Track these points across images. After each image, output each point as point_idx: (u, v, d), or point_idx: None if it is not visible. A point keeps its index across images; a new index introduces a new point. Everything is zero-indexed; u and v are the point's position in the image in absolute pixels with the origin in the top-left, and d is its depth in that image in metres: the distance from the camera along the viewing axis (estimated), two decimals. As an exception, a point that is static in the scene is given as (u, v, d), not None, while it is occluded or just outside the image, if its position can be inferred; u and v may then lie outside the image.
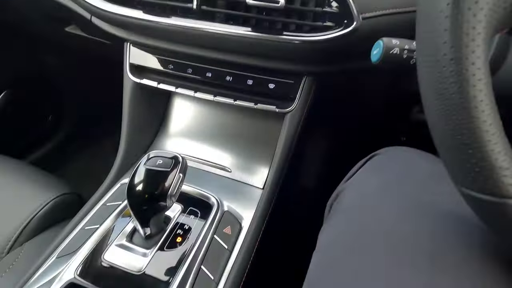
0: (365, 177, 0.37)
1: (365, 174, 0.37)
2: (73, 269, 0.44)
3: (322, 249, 0.35)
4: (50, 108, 1.40)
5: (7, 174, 0.69)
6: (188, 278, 0.44)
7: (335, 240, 0.33)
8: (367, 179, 0.36)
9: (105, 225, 0.51)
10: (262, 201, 0.55)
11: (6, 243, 0.58)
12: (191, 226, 0.51)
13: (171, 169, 0.44)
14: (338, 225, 0.34)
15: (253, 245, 0.51)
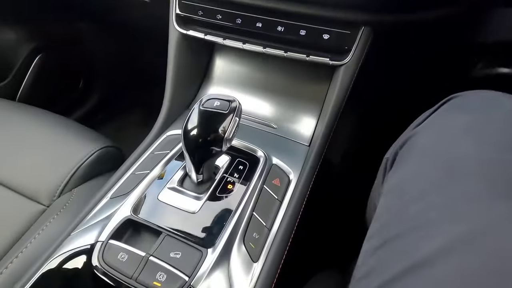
0: (444, 118, 0.34)
1: (443, 115, 0.35)
2: (128, 208, 0.45)
3: (395, 189, 0.33)
4: (81, 73, 1.42)
5: (53, 128, 0.70)
6: (242, 221, 0.44)
7: (413, 178, 0.31)
8: (446, 120, 0.34)
9: (155, 171, 0.51)
10: (311, 155, 0.53)
11: (57, 188, 0.60)
12: (240, 176, 0.50)
13: (229, 112, 0.43)
14: (415, 165, 0.32)
15: (303, 198, 0.50)
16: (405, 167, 0.33)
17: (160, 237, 0.41)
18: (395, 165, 0.37)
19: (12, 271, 0.46)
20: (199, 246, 0.40)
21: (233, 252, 0.41)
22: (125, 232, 0.43)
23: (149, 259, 0.39)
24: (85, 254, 0.41)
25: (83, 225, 0.46)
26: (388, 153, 0.46)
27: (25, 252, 0.48)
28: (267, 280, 0.40)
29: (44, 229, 0.51)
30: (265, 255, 0.43)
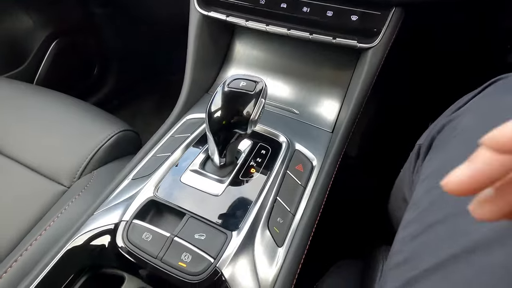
0: (489, 100, 0.32)
1: (489, 97, 0.32)
2: (151, 188, 0.45)
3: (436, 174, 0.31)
4: (96, 59, 1.43)
5: (73, 110, 0.70)
6: (265, 206, 0.43)
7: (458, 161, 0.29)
8: (492, 101, 0.32)
9: (176, 153, 0.50)
10: (336, 142, 0.52)
11: (77, 170, 0.60)
12: (262, 160, 0.49)
13: (255, 93, 0.42)
14: (459, 148, 0.30)
15: (327, 184, 0.49)
16: (447, 151, 0.32)
17: (184, 219, 0.41)
18: (434, 150, 0.35)
19: (36, 249, 0.46)
20: (223, 228, 0.40)
21: (257, 236, 0.40)
22: (148, 213, 0.43)
23: (173, 239, 0.38)
24: (109, 233, 0.41)
25: (106, 205, 0.45)
26: (421, 140, 0.44)
27: (49, 231, 0.48)
28: (292, 266, 0.39)
29: (67, 208, 0.51)
30: (290, 241, 0.42)
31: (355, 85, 0.55)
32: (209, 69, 0.67)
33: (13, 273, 0.43)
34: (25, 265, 0.44)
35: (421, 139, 0.44)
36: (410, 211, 0.33)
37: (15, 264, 0.44)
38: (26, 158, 0.61)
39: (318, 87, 0.63)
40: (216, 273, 0.36)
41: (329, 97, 0.62)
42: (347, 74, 0.62)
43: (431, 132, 0.39)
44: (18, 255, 0.45)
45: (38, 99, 0.72)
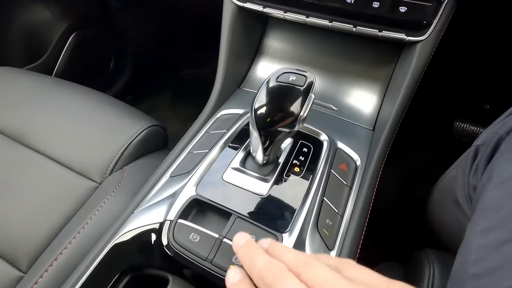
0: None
1: None
2: (192, 187, 0.43)
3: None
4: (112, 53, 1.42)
5: (101, 105, 0.69)
6: (313, 207, 0.41)
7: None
8: None
9: (214, 150, 0.48)
10: (381, 140, 0.49)
11: (108, 166, 0.58)
12: (305, 159, 0.47)
13: (305, 87, 0.40)
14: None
15: (374, 184, 0.46)
16: None
17: (231, 219, 0.39)
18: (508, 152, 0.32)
19: (76, 246, 0.45)
20: (273, 230, 0.38)
21: (308, 239, 0.38)
22: (192, 212, 0.41)
23: (223, 241, 0.37)
24: (154, 232, 0.39)
25: (146, 203, 0.44)
26: (479, 140, 0.41)
27: (87, 228, 0.47)
28: (345, 270, 0.37)
29: (103, 206, 0.50)
30: (341, 243, 0.40)
31: (400, 81, 0.52)
32: (242, 63, 0.65)
33: (51, 276, 0.42)
34: (66, 263, 0.43)
35: (479, 139, 0.42)
36: (484, 216, 0.31)
37: (55, 262, 0.43)
38: (56, 153, 0.59)
39: (356, 83, 0.61)
40: (270, 278, 0.34)
41: (368, 93, 0.59)
42: (387, 69, 0.59)
43: (495, 133, 0.37)
44: (56, 255, 0.44)
45: (64, 93, 0.71)
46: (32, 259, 0.48)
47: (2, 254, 0.49)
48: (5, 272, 0.47)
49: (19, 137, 0.63)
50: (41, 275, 0.42)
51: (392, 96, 0.53)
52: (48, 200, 0.54)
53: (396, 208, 0.93)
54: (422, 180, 1.06)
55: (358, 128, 0.55)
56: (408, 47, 0.53)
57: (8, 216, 0.52)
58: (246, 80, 0.66)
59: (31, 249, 0.49)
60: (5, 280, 0.46)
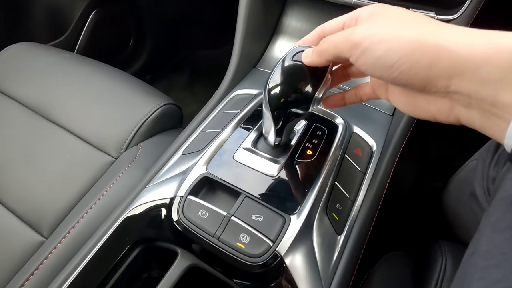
0: None
1: None
2: (203, 165, 0.43)
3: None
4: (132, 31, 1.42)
5: (118, 82, 0.70)
6: (324, 191, 0.41)
7: None
8: None
9: (227, 130, 0.48)
10: (400, 125, 0.47)
11: (124, 141, 0.60)
12: (318, 142, 0.46)
13: (323, 67, 0.38)
14: None
15: (389, 172, 0.45)
16: None
17: (240, 198, 0.39)
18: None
19: (90, 218, 0.47)
20: (281, 211, 0.38)
21: (316, 222, 0.38)
22: (202, 189, 0.41)
23: (230, 219, 0.37)
24: (164, 207, 0.40)
25: (158, 178, 0.45)
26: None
27: (102, 200, 0.49)
28: (352, 256, 0.37)
29: (118, 179, 0.51)
30: (350, 229, 0.39)
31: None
32: (258, 42, 0.63)
33: (69, 242, 0.45)
34: (83, 230, 0.45)
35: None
36: (500, 206, 0.29)
37: (69, 234, 0.46)
38: (75, 127, 0.61)
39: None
40: (275, 257, 0.35)
41: (390, 77, 0.56)
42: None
43: None
44: (74, 222, 0.46)
45: (85, 69, 0.72)
46: (53, 226, 0.51)
47: (27, 220, 0.52)
48: (29, 236, 0.50)
49: (42, 110, 0.65)
50: (60, 241, 0.44)
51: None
52: (68, 172, 0.56)
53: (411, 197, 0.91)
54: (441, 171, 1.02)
55: (376, 113, 0.53)
56: None
57: (32, 186, 0.55)
58: (262, 60, 0.64)
59: (52, 216, 0.52)
60: (28, 244, 0.49)
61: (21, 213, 0.53)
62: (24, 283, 0.41)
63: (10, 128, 0.64)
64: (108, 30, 1.29)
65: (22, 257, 0.48)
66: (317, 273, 0.35)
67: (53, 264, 0.42)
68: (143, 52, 1.51)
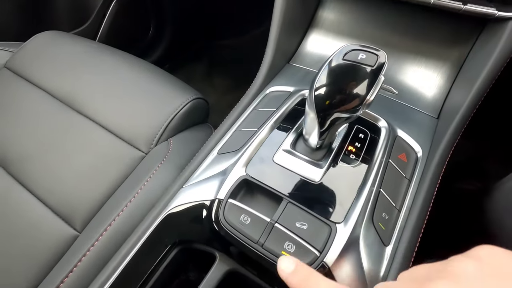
0: None
1: None
2: (242, 166, 0.42)
3: None
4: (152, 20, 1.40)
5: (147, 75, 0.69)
6: (369, 198, 0.39)
7: None
8: None
9: (265, 130, 0.46)
10: (449, 130, 0.44)
11: (154, 136, 0.59)
12: (362, 146, 0.44)
13: (376, 68, 0.35)
14: None
15: (437, 179, 0.42)
16: None
17: (282, 204, 0.38)
18: None
19: (127, 215, 0.47)
20: (326, 219, 0.36)
21: (363, 232, 0.36)
22: (240, 192, 0.40)
23: (274, 225, 0.36)
24: (205, 209, 0.39)
25: (194, 178, 0.44)
26: None
27: (138, 197, 0.48)
28: (401, 268, 0.35)
29: (152, 176, 0.51)
30: (398, 239, 0.37)
31: (480, 65, 0.45)
32: (294, 36, 0.60)
33: (107, 239, 0.44)
34: (118, 231, 0.45)
35: None
36: None
37: (106, 232, 0.45)
38: (104, 120, 0.61)
39: (422, 63, 0.54)
40: (323, 268, 0.33)
41: (435, 76, 0.53)
42: (462, 50, 0.52)
43: None
44: (110, 220, 0.46)
45: (112, 59, 0.71)
46: (86, 220, 0.51)
47: (59, 213, 0.52)
48: (62, 229, 0.50)
49: (70, 101, 0.65)
50: (97, 238, 0.44)
51: (467, 81, 0.47)
52: (98, 165, 0.56)
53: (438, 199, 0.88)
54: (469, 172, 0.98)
55: (420, 115, 0.50)
56: (494, 24, 0.45)
57: (62, 177, 0.55)
58: (296, 55, 0.61)
59: (84, 210, 0.52)
60: (62, 236, 0.49)
61: (52, 205, 0.53)
62: (63, 280, 0.41)
63: (39, 117, 0.63)
64: (129, 19, 1.27)
65: (56, 250, 0.48)
66: (365, 286, 0.34)
67: (92, 262, 0.42)
68: (162, 40, 1.49)
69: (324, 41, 0.61)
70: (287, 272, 0.27)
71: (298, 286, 0.26)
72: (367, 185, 0.39)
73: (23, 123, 0.64)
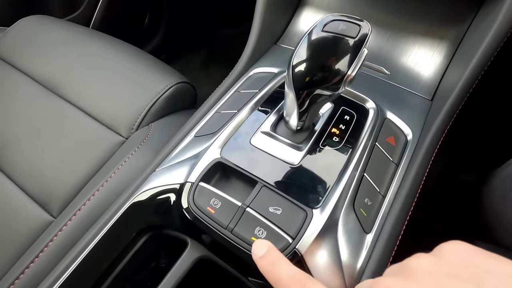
0: None
1: None
2: (217, 149, 0.39)
3: None
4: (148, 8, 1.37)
5: (131, 58, 0.66)
6: (351, 183, 0.36)
7: None
8: None
9: (244, 111, 0.44)
10: (442, 112, 0.41)
11: (135, 121, 0.57)
12: (346, 128, 0.41)
13: (358, 40, 0.32)
14: None
15: (427, 164, 0.39)
16: None
17: (256, 188, 0.35)
18: None
19: (97, 200, 0.45)
20: (302, 204, 0.34)
21: (341, 218, 0.34)
22: (215, 176, 0.38)
23: (245, 210, 0.33)
24: (174, 193, 0.37)
25: (169, 161, 0.41)
26: None
27: (110, 182, 0.46)
28: (382, 257, 0.33)
29: (127, 161, 0.49)
30: (380, 227, 0.35)
31: (476, 41, 0.42)
32: (281, 15, 0.57)
33: (76, 224, 0.43)
34: (87, 216, 0.43)
35: None
36: None
37: (75, 217, 0.44)
38: (86, 105, 0.59)
39: (417, 42, 0.51)
40: (295, 256, 0.31)
41: (430, 56, 0.49)
42: (459, 28, 0.48)
43: None
44: (81, 204, 0.44)
45: (97, 44, 0.69)
46: (63, 206, 0.49)
47: (37, 199, 0.51)
48: (38, 215, 0.49)
49: (52, 86, 0.63)
50: (66, 222, 0.43)
51: (464, 60, 0.44)
52: (78, 151, 0.54)
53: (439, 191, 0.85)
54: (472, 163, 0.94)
55: (413, 97, 0.47)
56: (490, 2, 0.42)
57: (41, 163, 0.54)
58: (284, 35, 0.58)
59: (62, 196, 0.50)
60: (37, 222, 0.48)
61: (31, 191, 0.52)
62: (29, 265, 0.39)
63: (20, 102, 0.62)
64: (123, 6, 1.25)
65: (31, 236, 0.47)
66: (341, 276, 0.31)
67: (59, 245, 0.41)
68: (159, 30, 1.47)
69: (314, 20, 0.58)
70: (258, 255, 0.26)
71: (264, 270, 0.25)
72: (349, 169, 0.36)
73: (4, 108, 0.62)
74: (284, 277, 0.23)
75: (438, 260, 0.19)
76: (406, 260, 0.20)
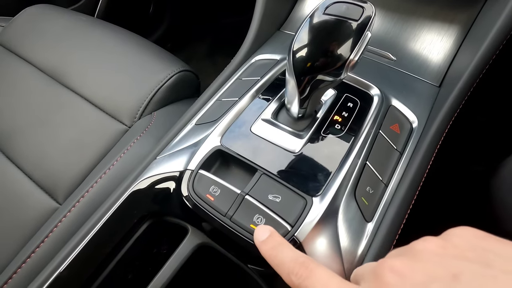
0: None
1: None
2: (217, 136, 0.39)
3: None
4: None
5: (134, 47, 0.66)
6: (353, 171, 0.35)
7: None
8: None
9: (245, 99, 0.43)
10: (449, 98, 0.40)
11: (137, 110, 0.57)
12: (349, 115, 0.40)
13: (361, 22, 0.31)
14: None
15: (431, 152, 0.38)
16: None
17: (256, 175, 0.35)
18: None
19: (100, 187, 0.46)
20: (302, 192, 0.33)
21: (342, 206, 0.33)
22: (215, 164, 0.38)
23: (245, 198, 0.33)
24: (173, 180, 0.37)
25: (169, 149, 0.41)
26: None
27: (112, 170, 0.47)
28: (382, 247, 0.32)
29: (129, 149, 0.49)
30: (382, 216, 0.34)
31: (489, 24, 0.40)
32: (283, 2, 0.55)
33: (79, 211, 0.44)
34: (91, 202, 0.44)
35: None
36: None
37: (78, 203, 0.44)
38: (90, 93, 0.59)
39: (425, 26, 0.49)
40: (294, 243, 0.31)
41: (439, 40, 0.47)
42: (470, 11, 0.46)
43: None
44: (85, 190, 0.45)
45: (100, 32, 0.69)
46: (68, 193, 0.50)
47: (43, 186, 0.52)
48: (45, 202, 0.50)
49: (58, 76, 0.63)
50: (70, 209, 0.43)
51: (474, 44, 0.42)
52: (82, 139, 0.55)
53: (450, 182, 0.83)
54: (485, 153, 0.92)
55: (420, 83, 0.45)
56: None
57: (47, 152, 0.55)
58: (288, 21, 0.57)
59: (67, 183, 0.51)
60: (44, 209, 0.49)
61: (37, 179, 0.53)
62: (35, 250, 0.40)
63: (25, 92, 0.62)
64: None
65: (37, 222, 0.48)
66: (340, 264, 0.31)
67: (64, 231, 0.41)
68: (163, 19, 1.45)
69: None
70: (260, 240, 0.26)
71: (267, 255, 0.25)
72: (350, 157, 0.36)
73: (11, 98, 0.63)
74: (287, 260, 0.23)
75: (445, 243, 0.18)
76: (412, 243, 0.20)
